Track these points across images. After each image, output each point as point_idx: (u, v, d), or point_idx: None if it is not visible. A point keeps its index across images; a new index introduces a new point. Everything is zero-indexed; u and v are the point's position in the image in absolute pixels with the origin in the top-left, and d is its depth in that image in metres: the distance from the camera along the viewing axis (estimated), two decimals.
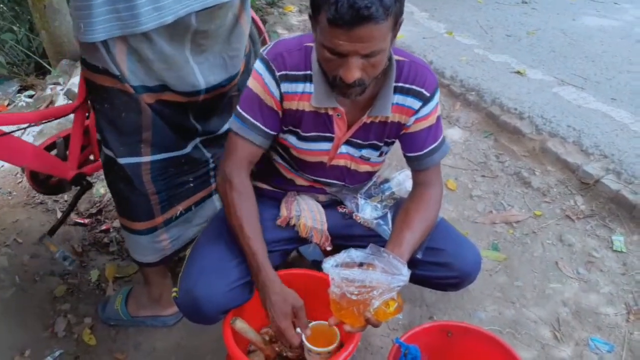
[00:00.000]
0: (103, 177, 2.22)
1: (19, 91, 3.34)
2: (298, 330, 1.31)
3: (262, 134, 1.36)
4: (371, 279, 1.17)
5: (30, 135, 2.73)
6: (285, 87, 1.32)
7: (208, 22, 1.38)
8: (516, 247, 2.13)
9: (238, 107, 1.37)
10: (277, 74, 1.30)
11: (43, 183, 1.98)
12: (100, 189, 2.43)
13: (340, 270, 1.19)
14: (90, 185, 2.00)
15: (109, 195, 2.43)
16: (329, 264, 1.20)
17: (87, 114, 1.83)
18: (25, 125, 2.01)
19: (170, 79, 1.41)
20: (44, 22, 3.23)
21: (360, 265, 1.22)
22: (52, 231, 1.98)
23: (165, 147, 1.53)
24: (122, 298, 1.84)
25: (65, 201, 2.39)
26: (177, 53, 1.38)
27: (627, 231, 2.14)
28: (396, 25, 1.14)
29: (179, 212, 1.66)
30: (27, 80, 3.51)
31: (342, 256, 1.22)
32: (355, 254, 1.22)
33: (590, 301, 1.88)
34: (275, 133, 1.39)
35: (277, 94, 1.33)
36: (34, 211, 2.31)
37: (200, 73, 1.45)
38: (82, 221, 2.27)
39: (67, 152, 1.87)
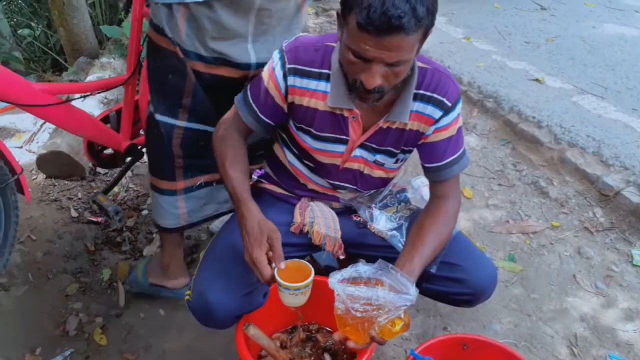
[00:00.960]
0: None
1: None
2: (274, 265, 1.22)
3: (252, 116, 1.38)
4: (377, 297, 1.14)
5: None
6: (293, 80, 1.32)
7: (272, 2, 1.42)
8: (533, 258, 2.10)
9: (248, 84, 1.41)
10: (287, 66, 1.31)
11: (97, 155, 2.14)
12: (114, 188, 2.43)
13: (345, 287, 1.16)
14: (142, 154, 2.17)
15: (122, 194, 2.43)
16: (334, 279, 1.17)
17: (136, 89, 2.01)
18: (79, 95, 2.15)
19: (223, 48, 1.46)
20: (62, 20, 3.25)
21: (368, 280, 1.19)
22: (106, 191, 2.12)
23: (202, 118, 1.60)
24: (144, 263, 1.92)
25: (79, 199, 2.40)
26: (239, 27, 1.43)
27: None
28: (425, 37, 1.12)
29: (199, 183, 1.71)
30: (44, 76, 3.54)
31: (349, 271, 1.19)
32: (362, 269, 1.20)
33: (608, 316, 1.84)
34: (270, 122, 1.39)
35: (282, 85, 1.33)
36: (48, 208, 2.31)
37: (254, 50, 1.49)
38: (96, 219, 2.27)
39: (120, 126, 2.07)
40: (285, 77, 1.32)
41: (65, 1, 3.16)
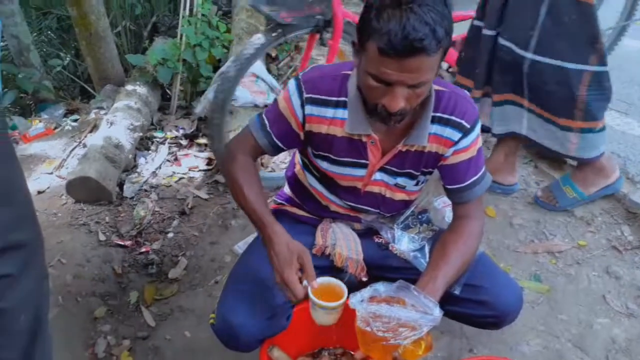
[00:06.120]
0: (142, 200, 2.28)
1: (65, 115, 3.46)
2: (305, 283, 1.24)
3: (267, 138, 1.41)
4: (399, 316, 1.14)
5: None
6: (310, 109, 1.34)
7: None
8: (559, 278, 2.06)
9: (264, 110, 1.46)
10: (305, 95, 1.33)
11: None
12: (140, 211, 2.48)
13: (367, 305, 1.16)
14: None
15: (149, 217, 2.48)
16: (355, 299, 1.18)
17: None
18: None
19: None
20: (89, 49, 3.36)
21: (389, 298, 1.19)
22: None
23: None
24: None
25: (107, 223, 2.45)
26: None
27: None
28: (443, 58, 1.15)
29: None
30: (73, 104, 3.65)
31: (369, 291, 1.20)
32: (381, 289, 1.20)
33: None
34: (283, 147, 1.43)
35: (300, 114, 1.36)
36: (77, 232, 2.36)
37: None
38: (123, 243, 2.32)
39: None
40: (302, 106, 1.34)
41: (92, 32, 3.28)
